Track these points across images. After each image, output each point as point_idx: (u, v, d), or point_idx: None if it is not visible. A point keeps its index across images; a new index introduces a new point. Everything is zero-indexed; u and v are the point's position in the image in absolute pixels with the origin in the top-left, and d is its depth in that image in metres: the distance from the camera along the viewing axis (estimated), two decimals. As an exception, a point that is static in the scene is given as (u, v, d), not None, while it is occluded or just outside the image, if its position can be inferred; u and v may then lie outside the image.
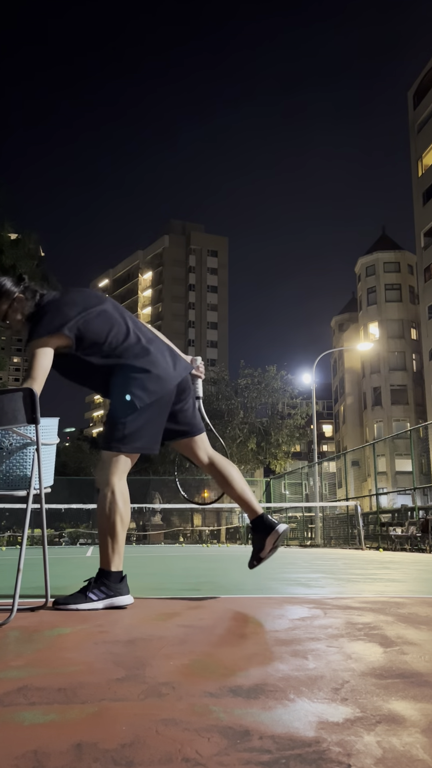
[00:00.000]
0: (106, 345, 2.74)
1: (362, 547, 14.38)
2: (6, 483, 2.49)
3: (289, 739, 0.98)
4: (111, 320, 2.79)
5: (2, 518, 28.76)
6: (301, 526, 22.77)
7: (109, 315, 2.80)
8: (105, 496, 2.68)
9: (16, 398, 2.39)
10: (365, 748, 0.94)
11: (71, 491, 27.76)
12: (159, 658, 1.59)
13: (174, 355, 2.89)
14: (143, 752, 0.93)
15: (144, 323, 2.99)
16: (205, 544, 23.70)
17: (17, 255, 28.20)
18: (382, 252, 49.24)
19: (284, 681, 1.35)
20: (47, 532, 5.59)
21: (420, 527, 13.06)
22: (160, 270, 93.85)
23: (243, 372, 32.47)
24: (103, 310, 2.79)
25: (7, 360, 35.03)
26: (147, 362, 2.75)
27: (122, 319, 2.83)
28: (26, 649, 1.76)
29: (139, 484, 31.19)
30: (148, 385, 2.71)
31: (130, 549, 15.40)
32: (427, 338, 39.43)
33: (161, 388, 2.74)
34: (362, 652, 1.68)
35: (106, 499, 2.67)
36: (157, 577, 4.63)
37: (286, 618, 2.33)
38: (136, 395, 2.70)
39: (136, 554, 10.96)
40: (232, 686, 1.31)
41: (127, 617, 2.37)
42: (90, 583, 2.65)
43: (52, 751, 0.93)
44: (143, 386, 2.71)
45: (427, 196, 39.71)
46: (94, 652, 1.68)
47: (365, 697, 1.22)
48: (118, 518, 2.66)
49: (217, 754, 0.91)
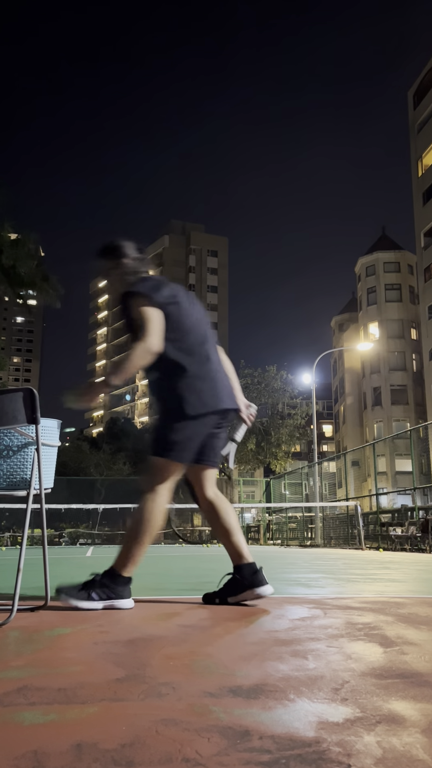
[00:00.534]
0: (183, 340, 2.76)
1: (362, 547, 14.38)
2: (7, 484, 2.49)
3: (289, 739, 0.98)
4: (195, 321, 2.85)
5: (2, 518, 28.76)
6: (301, 526, 22.76)
7: (195, 317, 2.87)
8: (144, 502, 2.67)
9: (16, 398, 2.39)
10: (365, 748, 0.94)
11: (71, 491, 27.75)
12: (159, 658, 1.59)
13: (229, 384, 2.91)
14: (143, 752, 0.93)
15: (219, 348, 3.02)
16: (205, 544, 23.68)
17: (17, 255, 28.17)
18: (382, 252, 49.21)
19: (284, 681, 1.35)
20: (47, 532, 5.59)
21: (420, 527, 13.06)
22: (160, 270, 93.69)
23: (243, 372, 32.44)
24: (191, 311, 2.87)
25: (7, 360, 35.03)
26: (210, 376, 2.77)
27: (204, 328, 2.89)
28: (26, 649, 1.76)
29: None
30: (205, 397, 2.71)
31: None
32: (427, 338, 39.42)
33: (214, 405, 2.74)
34: (362, 652, 1.68)
35: (145, 506, 2.66)
36: (157, 577, 4.63)
37: (286, 618, 2.33)
38: (192, 404, 2.69)
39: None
40: (232, 686, 1.31)
41: (127, 617, 2.37)
42: (95, 579, 2.63)
43: (52, 751, 0.93)
44: (201, 397, 2.71)
45: (427, 196, 39.69)
46: (94, 652, 1.68)
47: (365, 697, 1.22)
48: (148, 528, 2.64)
49: (217, 754, 0.91)
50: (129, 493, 28.99)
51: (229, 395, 2.84)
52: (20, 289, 29.82)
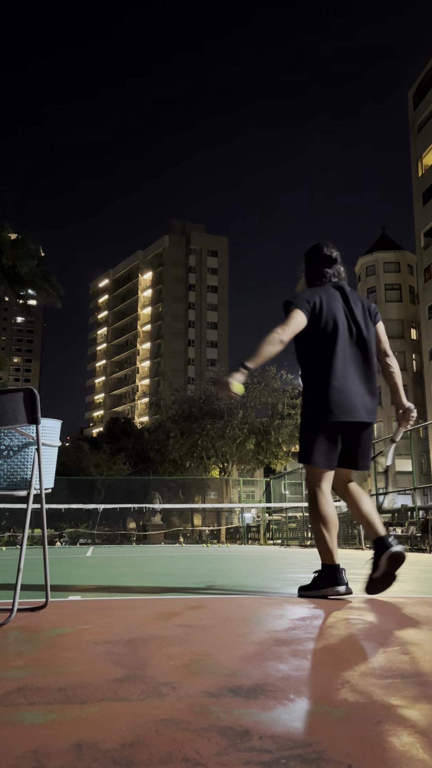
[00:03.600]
0: (325, 348, 2.91)
1: (362, 547, 14.37)
2: (7, 484, 2.49)
3: (289, 739, 0.98)
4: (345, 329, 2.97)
5: (2, 518, 28.75)
6: (301, 526, 22.75)
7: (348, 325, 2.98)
8: (310, 504, 2.98)
9: (16, 398, 2.39)
10: (365, 748, 0.94)
11: (71, 491, 27.73)
12: (159, 658, 1.59)
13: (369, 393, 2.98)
14: (143, 752, 0.93)
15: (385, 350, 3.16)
16: (205, 544, 23.69)
17: (17, 255, 28.17)
18: (382, 252, 49.20)
19: (284, 681, 1.35)
20: (47, 532, 5.59)
21: (420, 527, 13.06)
22: (160, 270, 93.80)
23: (243, 372, 32.43)
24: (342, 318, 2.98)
25: (7, 360, 35.01)
26: (348, 384, 2.89)
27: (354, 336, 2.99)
28: (26, 649, 1.76)
29: (139, 484, 31.18)
30: (338, 406, 2.86)
31: (130, 549, 15.39)
32: (427, 338, 39.41)
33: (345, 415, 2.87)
34: (362, 652, 1.68)
35: (312, 508, 2.97)
36: (157, 577, 4.63)
37: (286, 618, 2.33)
38: (324, 411, 2.87)
39: (136, 554, 10.95)
40: (232, 686, 1.31)
41: (127, 617, 2.37)
42: (316, 576, 3.00)
43: (52, 751, 0.93)
44: (334, 405, 2.86)
45: (427, 196, 39.68)
46: (94, 652, 1.68)
47: (365, 697, 1.22)
48: (321, 523, 2.94)
49: (217, 754, 0.91)
50: (129, 493, 29.01)
51: (366, 406, 2.94)
52: (20, 289, 29.80)
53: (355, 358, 2.97)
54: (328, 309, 2.98)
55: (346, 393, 2.88)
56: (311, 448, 2.94)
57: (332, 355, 2.91)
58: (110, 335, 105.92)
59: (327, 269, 3.16)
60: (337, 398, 2.87)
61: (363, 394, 2.94)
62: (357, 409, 2.90)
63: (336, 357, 2.91)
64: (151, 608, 2.64)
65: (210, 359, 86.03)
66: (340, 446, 2.96)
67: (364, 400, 2.93)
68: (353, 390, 2.91)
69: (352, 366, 2.95)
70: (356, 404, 2.90)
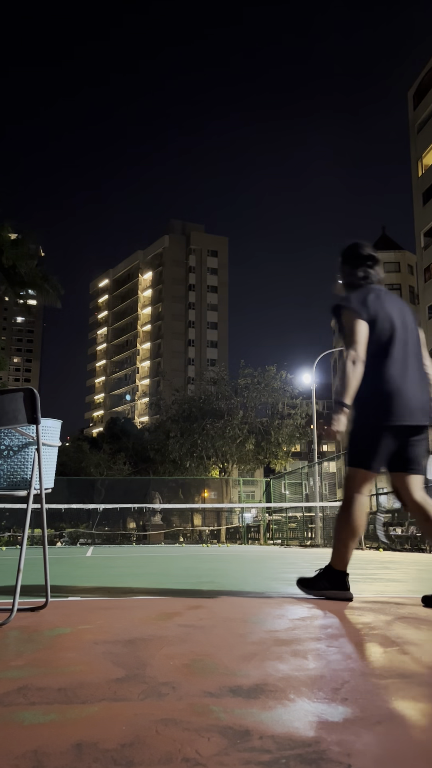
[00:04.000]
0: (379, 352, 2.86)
1: (362, 547, 14.38)
2: (8, 484, 2.49)
3: (289, 739, 0.98)
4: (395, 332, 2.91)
5: (2, 518, 28.74)
6: (301, 526, 22.75)
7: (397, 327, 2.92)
8: (342, 508, 2.91)
9: (16, 398, 2.39)
10: (365, 748, 0.94)
11: (71, 491, 27.72)
12: (159, 658, 1.59)
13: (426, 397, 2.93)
14: (143, 752, 0.93)
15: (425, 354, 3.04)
16: (205, 544, 23.69)
17: (17, 255, 28.17)
18: (382, 252, 48.57)
19: (284, 681, 1.35)
20: (47, 532, 5.59)
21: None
22: (160, 270, 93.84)
23: (243, 372, 32.43)
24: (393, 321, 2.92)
25: (7, 360, 35.01)
26: (403, 388, 2.83)
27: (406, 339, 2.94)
28: (26, 649, 1.76)
29: (139, 484, 31.17)
30: (392, 410, 2.81)
31: (130, 549, 15.39)
32: (428, 338, 39.43)
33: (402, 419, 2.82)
34: (362, 652, 1.68)
35: (343, 512, 2.90)
36: (157, 577, 4.63)
37: (286, 618, 2.33)
38: (376, 415, 2.82)
39: (136, 554, 10.95)
40: (232, 686, 1.31)
41: (127, 617, 2.37)
42: (319, 574, 2.98)
43: (52, 751, 0.93)
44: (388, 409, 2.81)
45: (427, 196, 39.69)
46: (94, 652, 1.68)
47: (365, 697, 1.22)
48: (348, 530, 2.89)
49: (217, 754, 0.91)
50: (129, 493, 28.99)
51: (423, 409, 2.88)
52: (20, 289, 29.81)
53: (410, 360, 2.92)
54: (382, 311, 2.93)
55: (403, 395, 2.83)
56: (364, 451, 2.88)
57: (389, 358, 2.87)
58: (110, 335, 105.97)
59: (370, 270, 3.12)
60: (395, 401, 2.82)
61: (419, 396, 2.88)
62: (414, 412, 2.84)
63: (393, 359, 2.87)
64: (151, 608, 2.64)
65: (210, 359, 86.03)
66: (392, 450, 2.88)
67: (420, 403, 2.87)
68: (410, 392, 2.85)
69: (408, 368, 2.90)
70: (413, 407, 2.84)
